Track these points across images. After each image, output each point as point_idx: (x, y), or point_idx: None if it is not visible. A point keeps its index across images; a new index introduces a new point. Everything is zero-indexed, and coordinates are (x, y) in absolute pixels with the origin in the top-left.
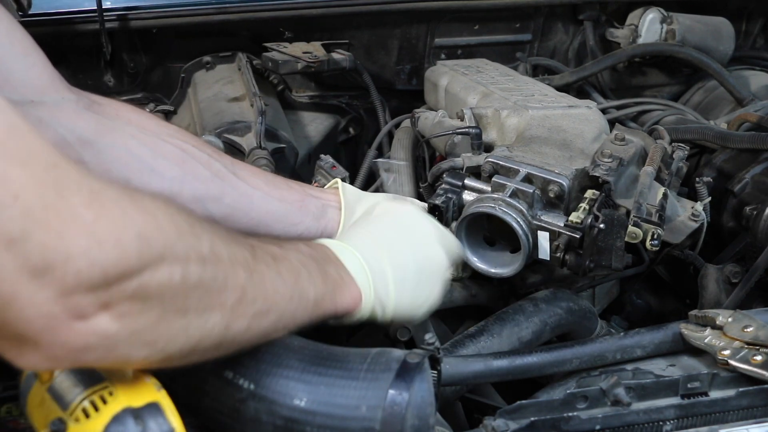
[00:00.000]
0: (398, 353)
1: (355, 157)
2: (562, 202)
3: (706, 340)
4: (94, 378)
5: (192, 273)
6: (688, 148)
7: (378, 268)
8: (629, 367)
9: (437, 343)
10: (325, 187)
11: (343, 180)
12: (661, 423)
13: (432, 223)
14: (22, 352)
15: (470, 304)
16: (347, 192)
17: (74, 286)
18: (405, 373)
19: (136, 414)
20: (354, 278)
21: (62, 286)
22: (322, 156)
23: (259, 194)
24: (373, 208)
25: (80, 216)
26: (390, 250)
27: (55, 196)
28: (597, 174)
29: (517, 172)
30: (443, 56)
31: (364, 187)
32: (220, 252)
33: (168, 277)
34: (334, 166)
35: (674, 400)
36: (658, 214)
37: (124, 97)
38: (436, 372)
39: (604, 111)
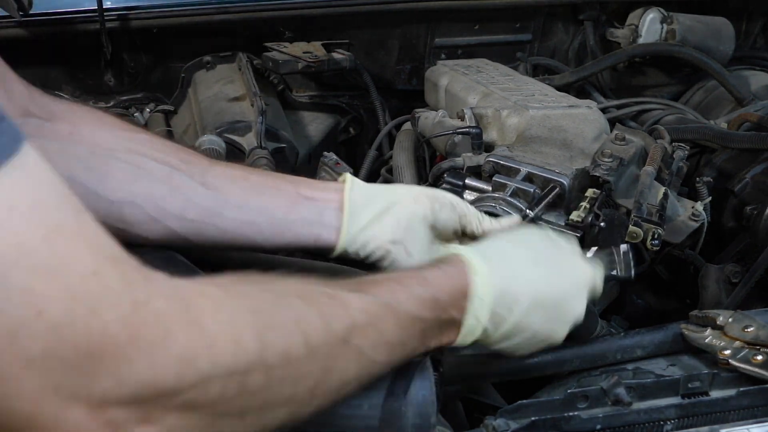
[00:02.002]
0: None
1: (355, 157)
2: (562, 202)
3: (706, 340)
4: None
5: (252, 383)
6: (688, 147)
7: (500, 321)
8: (630, 366)
9: None
10: (338, 180)
11: None
12: (661, 423)
13: (586, 268)
14: None
15: None
16: (355, 191)
17: (102, 404)
18: (406, 373)
19: None
20: (465, 324)
21: (91, 404)
22: (326, 153)
23: (232, 204)
24: (393, 206)
25: (112, 335)
26: (526, 313)
27: (86, 312)
28: (597, 174)
29: (517, 171)
30: (443, 56)
31: None
32: (297, 351)
33: (219, 391)
34: (338, 163)
35: (675, 400)
36: (658, 214)
37: (125, 97)
38: (438, 372)
39: (604, 111)
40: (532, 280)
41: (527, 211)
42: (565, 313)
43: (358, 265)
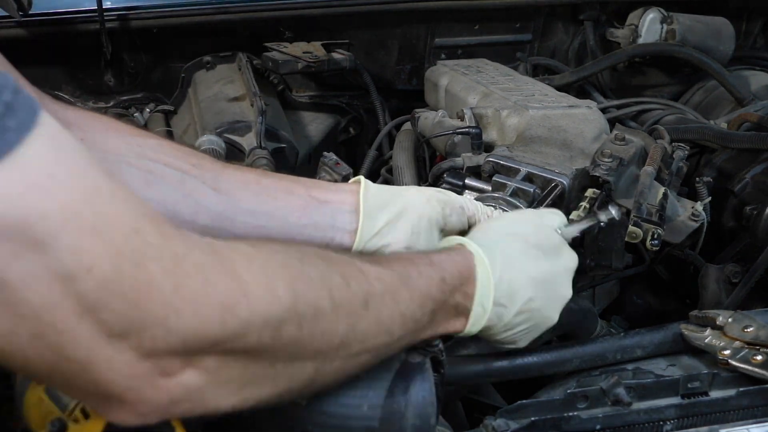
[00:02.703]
0: (400, 353)
1: (355, 157)
2: (562, 201)
3: (706, 340)
4: None
5: (285, 334)
6: (688, 147)
7: (503, 308)
8: (630, 366)
9: (441, 345)
10: (350, 181)
11: (346, 177)
12: (661, 423)
13: (571, 254)
14: (110, 408)
15: None
16: (369, 194)
17: (151, 350)
18: (406, 373)
19: None
20: (471, 313)
21: (140, 351)
22: (326, 153)
23: (244, 209)
24: (406, 211)
25: (158, 286)
26: (529, 294)
27: (132, 266)
28: (597, 174)
29: (517, 171)
30: (443, 56)
31: None
32: (323, 306)
33: (256, 339)
34: (338, 163)
35: (674, 400)
36: (658, 214)
37: (125, 97)
38: (439, 374)
39: (604, 111)
40: (527, 267)
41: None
42: (558, 295)
43: None
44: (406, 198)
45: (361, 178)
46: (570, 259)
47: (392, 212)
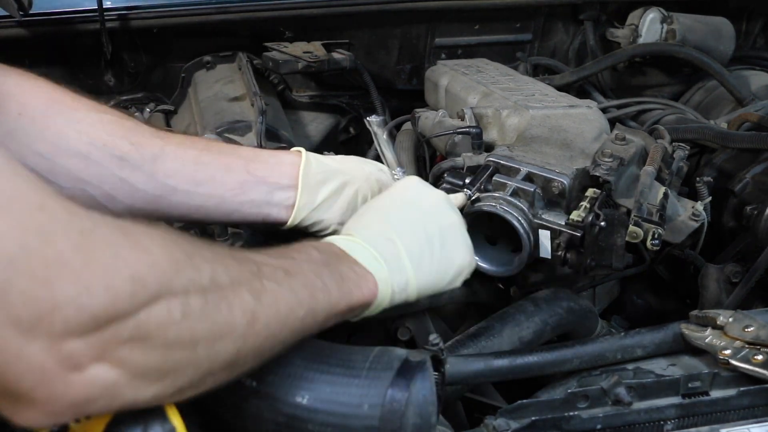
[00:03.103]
0: (400, 352)
1: None
2: (563, 201)
3: (706, 340)
4: None
5: (193, 305)
6: (688, 147)
7: (389, 251)
8: (630, 366)
9: (441, 344)
10: (291, 150)
11: None
12: (661, 422)
13: (435, 190)
14: (18, 408)
15: (471, 301)
16: (311, 169)
17: (63, 334)
18: (406, 372)
19: (137, 414)
20: (367, 269)
21: (51, 336)
22: (325, 153)
23: (180, 191)
24: (345, 187)
25: (67, 262)
26: (399, 230)
27: (39, 242)
28: (598, 173)
29: (517, 171)
30: (443, 56)
31: None
32: (221, 279)
33: (166, 313)
34: None
35: (675, 400)
36: (658, 214)
37: (125, 97)
38: (439, 373)
39: (604, 110)
40: (387, 215)
41: (467, 190)
42: (435, 220)
43: None
44: (345, 174)
45: (302, 150)
46: (428, 193)
47: (331, 188)
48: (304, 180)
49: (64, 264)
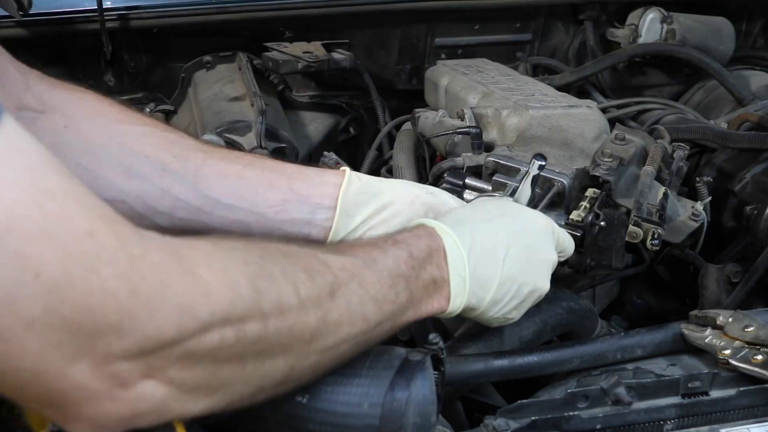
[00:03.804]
0: (400, 351)
1: (355, 157)
2: (563, 201)
3: (706, 340)
4: None
5: (250, 331)
6: (688, 147)
7: (482, 275)
8: (630, 366)
9: (441, 343)
10: (339, 168)
11: None
12: (661, 422)
13: (546, 218)
14: (67, 420)
15: None
16: (351, 190)
17: (107, 357)
18: (406, 371)
19: None
20: (449, 280)
21: (94, 359)
22: (326, 153)
23: (222, 204)
24: (385, 210)
25: (111, 291)
26: (504, 252)
27: (84, 270)
28: (597, 173)
29: (518, 171)
30: (443, 56)
31: None
32: (289, 302)
33: (218, 341)
34: (338, 163)
35: (675, 400)
36: (658, 214)
37: (125, 97)
38: (439, 372)
39: (604, 110)
40: (496, 229)
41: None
42: (539, 258)
43: None
44: (388, 196)
45: (347, 170)
46: (540, 218)
47: (370, 210)
48: (343, 201)
49: (107, 292)
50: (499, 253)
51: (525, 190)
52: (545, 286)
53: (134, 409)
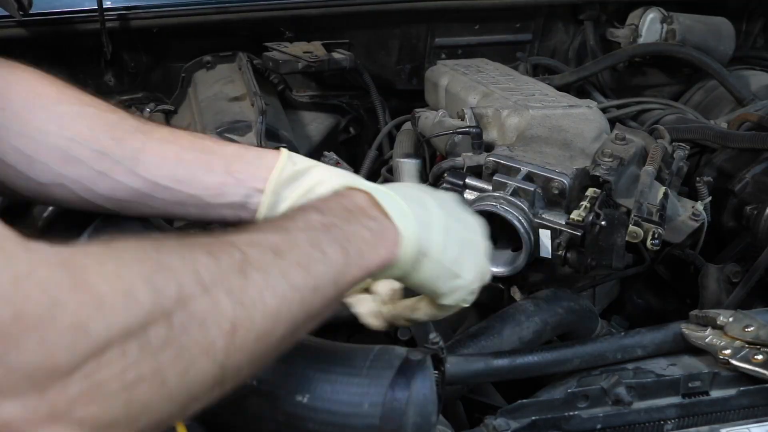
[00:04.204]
0: (401, 351)
1: (355, 156)
2: (563, 201)
3: (706, 340)
4: None
5: (154, 337)
6: (688, 147)
7: (422, 209)
8: (630, 366)
9: (441, 343)
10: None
11: None
12: (662, 422)
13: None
14: None
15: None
16: (284, 172)
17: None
18: (407, 371)
19: None
20: (391, 219)
21: None
22: (326, 153)
23: (161, 187)
24: (316, 187)
25: None
26: (433, 201)
27: None
28: (598, 173)
29: (518, 170)
30: (443, 56)
31: None
32: (191, 290)
33: (120, 356)
34: (338, 162)
35: (675, 400)
36: (658, 214)
37: (125, 97)
38: (439, 372)
39: (604, 110)
40: (422, 195)
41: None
42: (470, 223)
43: None
44: (315, 176)
45: (284, 150)
46: (450, 194)
47: (298, 192)
48: (272, 188)
49: None
50: (427, 200)
51: None
52: (483, 241)
53: None
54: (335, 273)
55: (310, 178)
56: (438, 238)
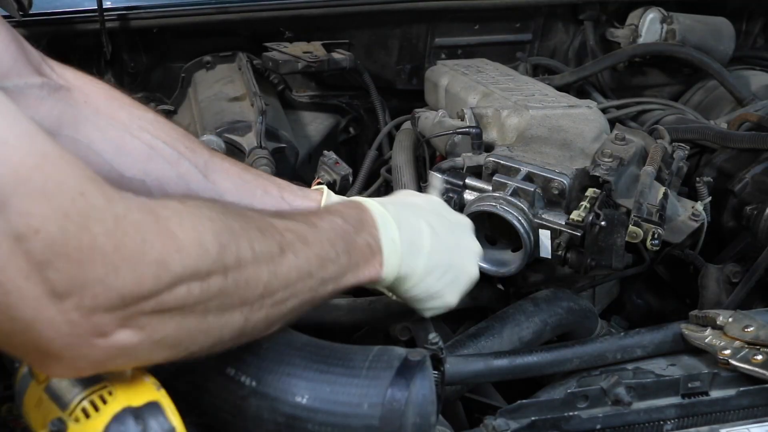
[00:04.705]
0: (400, 351)
1: (355, 157)
2: (563, 201)
3: (706, 340)
4: (93, 378)
5: (213, 284)
6: (688, 147)
7: (410, 238)
8: (630, 366)
9: (441, 343)
10: (313, 187)
11: (345, 177)
12: (661, 422)
13: (463, 217)
14: (46, 364)
15: (470, 306)
16: (329, 203)
17: (92, 308)
18: (406, 371)
19: (137, 413)
20: (381, 245)
21: (81, 309)
22: (326, 152)
23: (226, 200)
24: None
25: (99, 247)
26: (430, 230)
27: (76, 228)
28: (597, 174)
29: (517, 171)
30: (443, 56)
31: (365, 188)
32: (245, 255)
33: (186, 293)
34: (338, 162)
35: (675, 400)
36: (658, 214)
37: None
38: (439, 372)
39: (604, 111)
40: (421, 214)
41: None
42: (464, 245)
43: None
44: None
45: (324, 187)
46: (461, 217)
47: None
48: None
49: (96, 249)
50: (424, 226)
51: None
52: (474, 270)
53: (108, 354)
54: (340, 275)
55: None
56: (420, 265)
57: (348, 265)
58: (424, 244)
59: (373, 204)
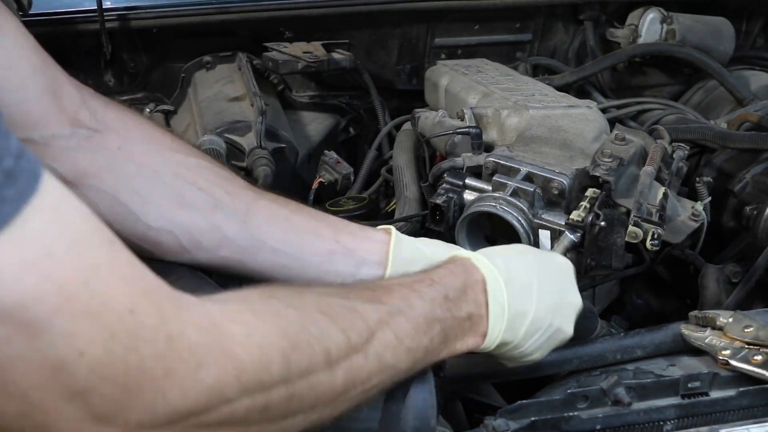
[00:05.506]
0: None
1: (355, 157)
2: (562, 201)
3: (706, 341)
4: None
5: (275, 398)
6: (688, 147)
7: (523, 299)
8: (630, 366)
9: None
10: (379, 228)
11: (346, 176)
12: (661, 423)
13: (564, 259)
14: None
15: None
16: (402, 248)
17: (138, 427)
18: None
19: None
20: (488, 317)
21: (125, 428)
22: (326, 152)
23: (268, 247)
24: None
25: (148, 370)
26: (538, 286)
27: (124, 350)
28: (597, 174)
29: (517, 171)
30: (443, 56)
31: (364, 188)
32: (317, 366)
33: (245, 410)
34: (339, 162)
35: (675, 400)
36: (658, 214)
37: (125, 97)
38: (438, 377)
39: (604, 111)
40: (529, 264)
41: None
42: (567, 297)
43: None
44: (432, 256)
45: (392, 228)
46: (566, 262)
47: (418, 270)
48: (392, 259)
49: (144, 372)
50: (534, 286)
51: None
52: (570, 329)
53: None
54: (430, 356)
55: (427, 260)
56: (522, 332)
57: (442, 344)
58: (530, 308)
59: (482, 261)
